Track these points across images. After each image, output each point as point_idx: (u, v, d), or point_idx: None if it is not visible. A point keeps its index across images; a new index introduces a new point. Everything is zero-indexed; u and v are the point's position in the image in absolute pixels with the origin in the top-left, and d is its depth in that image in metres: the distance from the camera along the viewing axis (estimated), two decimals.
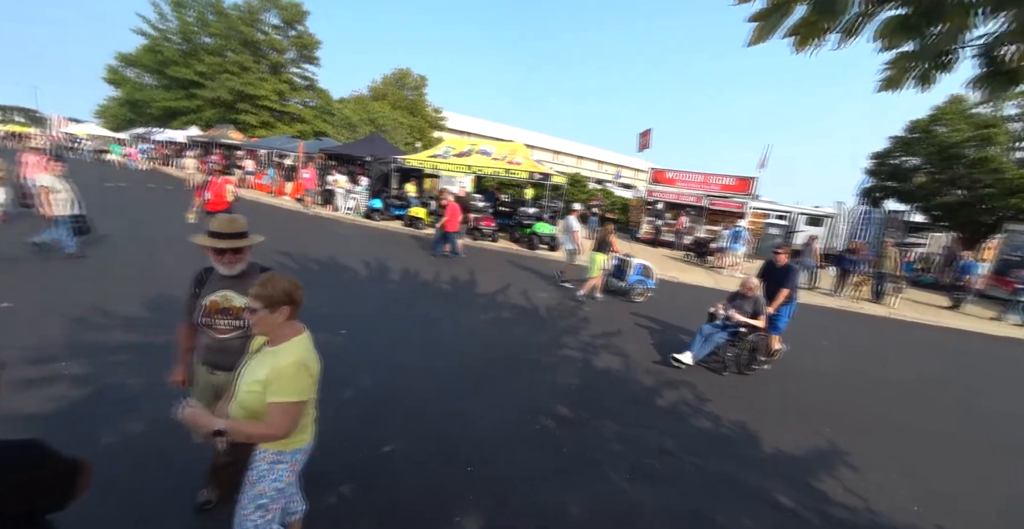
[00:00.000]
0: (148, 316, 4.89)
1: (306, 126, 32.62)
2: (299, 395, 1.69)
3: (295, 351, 1.72)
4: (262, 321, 1.71)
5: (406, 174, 15.13)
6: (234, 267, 2.20)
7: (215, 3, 33.05)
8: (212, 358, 2.24)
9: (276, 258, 7.68)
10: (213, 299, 2.21)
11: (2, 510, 1.06)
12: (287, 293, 1.73)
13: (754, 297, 5.39)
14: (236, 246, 2.18)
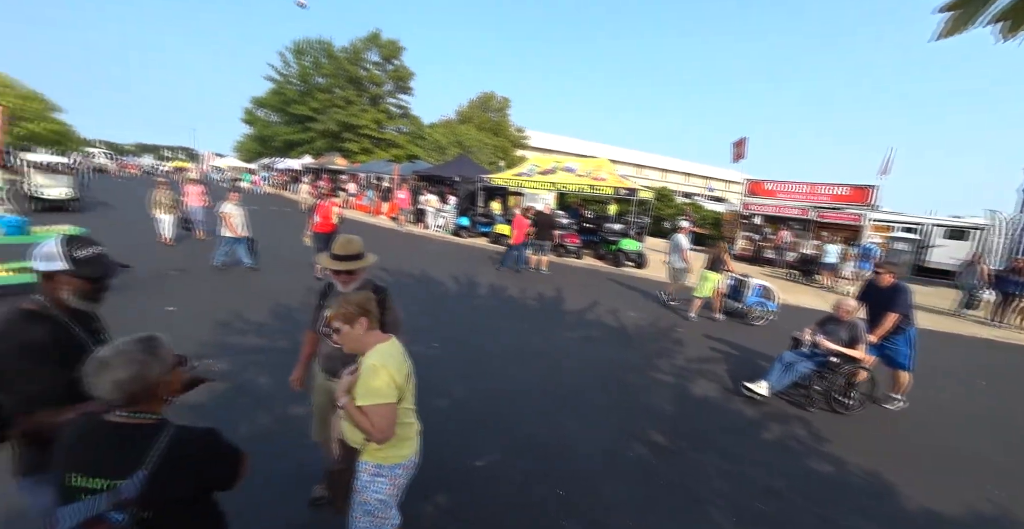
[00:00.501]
0: (274, 324, 5.54)
1: (400, 150, 35.38)
2: (381, 397, 1.73)
3: (376, 355, 1.81)
4: (346, 337, 1.85)
5: (491, 192, 15.70)
6: (348, 286, 2.40)
7: (327, 48, 37.61)
8: (329, 365, 2.45)
9: (374, 272, 8.31)
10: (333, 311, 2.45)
11: (192, 485, 1.24)
12: (360, 305, 1.84)
13: (851, 322, 4.65)
14: (349, 268, 2.38)
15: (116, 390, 1.18)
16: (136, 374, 1.19)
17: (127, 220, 12.49)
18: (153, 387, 1.24)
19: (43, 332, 1.51)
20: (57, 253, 1.54)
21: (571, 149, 47.60)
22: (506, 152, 36.83)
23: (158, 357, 1.25)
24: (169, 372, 1.28)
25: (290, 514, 2.62)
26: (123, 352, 1.21)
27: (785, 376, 4.66)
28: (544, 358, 5.32)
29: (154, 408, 1.27)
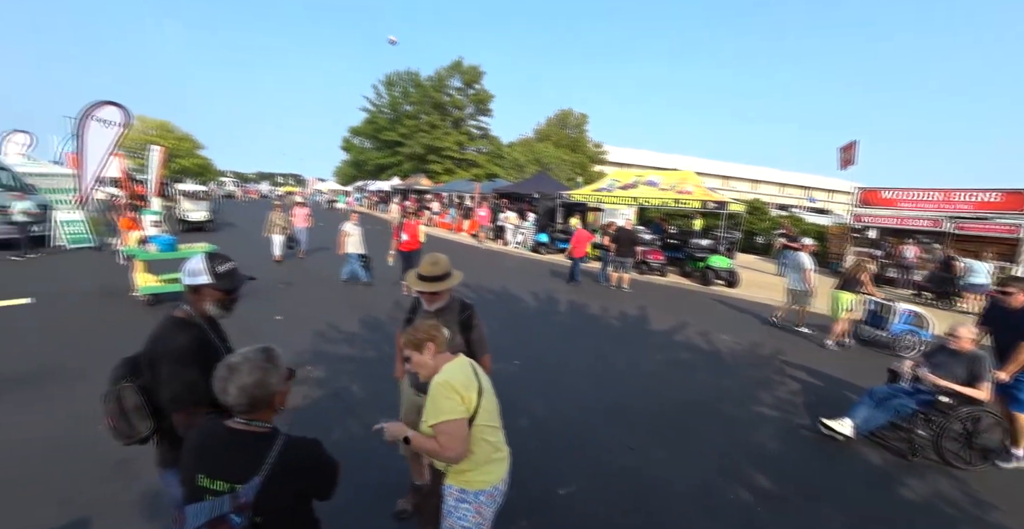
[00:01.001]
0: (364, 334, 5.90)
1: (480, 170, 36.78)
2: (447, 414, 1.69)
3: (442, 374, 1.79)
4: (418, 364, 1.87)
5: (570, 209, 15.61)
6: (434, 304, 2.45)
7: (414, 78, 40.67)
8: (416, 381, 2.49)
9: (456, 288, 8.56)
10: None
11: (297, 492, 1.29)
12: (426, 331, 1.88)
13: (971, 354, 3.73)
14: (432, 290, 2.41)
15: (241, 395, 1.28)
16: (259, 381, 1.29)
17: (247, 238, 14.29)
18: (271, 395, 1.33)
19: (190, 338, 1.73)
20: (202, 268, 1.78)
21: (651, 162, 46.16)
22: (584, 168, 36.70)
23: (276, 367, 1.35)
24: (283, 382, 1.37)
25: (374, 525, 2.68)
26: (249, 359, 1.31)
27: (876, 415, 3.89)
28: (629, 380, 5.05)
29: (267, 417, 1.36)
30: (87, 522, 2.54)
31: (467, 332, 2.50)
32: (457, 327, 2.46)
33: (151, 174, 19.61)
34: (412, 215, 9.49)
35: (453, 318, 2.49)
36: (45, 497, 2.70)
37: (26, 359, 4.62)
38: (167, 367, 1.65)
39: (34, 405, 3.77)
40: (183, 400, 1.64)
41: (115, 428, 1.70)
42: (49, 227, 11.55)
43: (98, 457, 3.06)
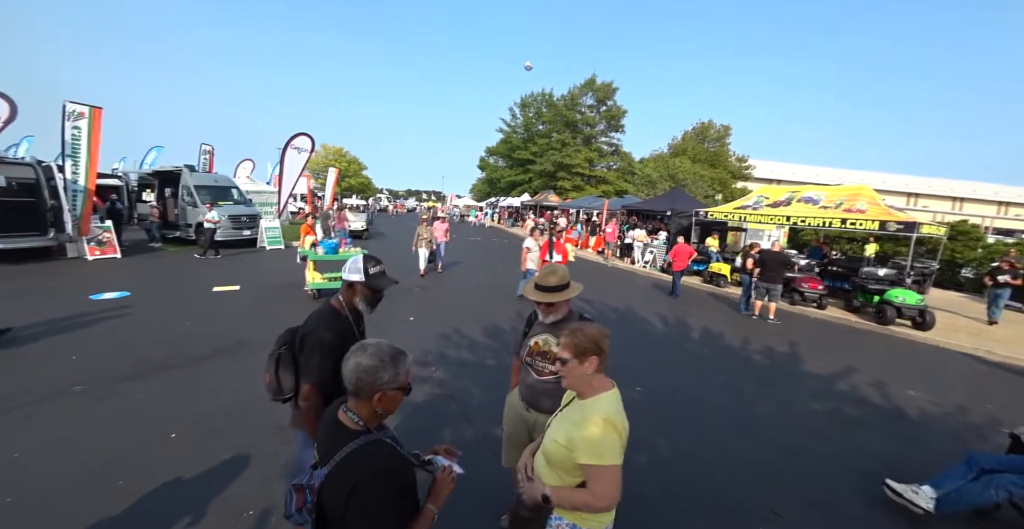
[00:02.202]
0: (485, 342, 6.07)
1: (609, 186, 36.22)
2: (610, 458, 1.52)
3: (603, 407, 1.59)
4: (571, 372, 1.65)
5: (707, 228, 14.31)
6: (548, 316, 2.32)
7: (547, 98, 42.07)
8: (530, 397, 2.38)
9: (577, 304, 8.38)
10: (536, 341, 2.38)
11: (340, 504, 1.22)
12: (595, 341, 1.62)
13: None
14: (549, 300, 2.28)
15: (353, 372, 1.29)
16: (372, 367, 1.28)
17: (395, 247, 16.15)
18: (375, 388, 1.29)
19: (340, 328, 2.01)
20: (359, 268, 2.06)
21: (807, 177, 40.24)
22: (724, 184, 33.60)
23: (395, 367, 1.33)
24: (393, 388, 1.32)
25: None
26: (378, 346, 1.34)
27: (977, 491, 2.92)
28: (773, 429, 4.27)
29: (366, 414, 1.32)
30: (248, 470, 2.99)
31: None
32: None
33: (327, 191, 23.56)
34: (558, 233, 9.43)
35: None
36: (226, 446, 3.27)
37: (231, 333, 5.79)
38: (310, 345, 1.94)
39: (232, 371, 4.67)
40: (311, 375, 1.92)
41: (269, 384, 2.02)
42: (258, 232, 14.57)
43: (270, 420, 3.62)
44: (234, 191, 15.29)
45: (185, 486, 2.89)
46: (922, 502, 3.05)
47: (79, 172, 11.60)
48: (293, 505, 1.24)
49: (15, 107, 10.34)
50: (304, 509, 1.22)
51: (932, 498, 3.03)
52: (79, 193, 11.50)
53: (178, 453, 3.24)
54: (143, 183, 17.61)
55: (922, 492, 3.07)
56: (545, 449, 1.71)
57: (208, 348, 5.27)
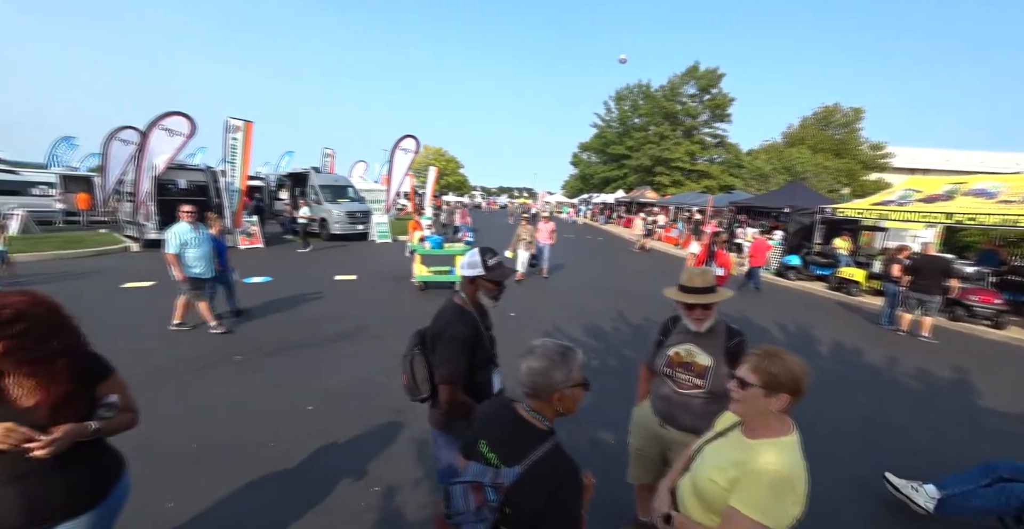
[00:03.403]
0: (586, 341, 5.92)
1: (713, 181, 33.64)
2: (774, 521, 1.27)
3: (782, 459, 1.33)
4: (750, 400, 1.40)
5: (834, 226, 12.55)
6: (702, 324, 2.11)
7: (644, 89, 40.14)
8: (666, 411, 2.20)
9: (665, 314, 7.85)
10: (676, 351, 2.19)
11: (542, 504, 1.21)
12: (795, 379, 1.36)
13: None
14: (704, 302, 2.09)
15: (526, 375, 1.32)
16: (543, 368, 1.30)
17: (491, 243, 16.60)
18: (551, 389, 1.30)
19: (466, 325, 1.99)
20: (477, 261, 2.03)
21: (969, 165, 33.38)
22: (853, 176, 29.35)
23: (566, 365, 1.33)
24: (570, 386, 1.33)
25: None
26: (545, 347, 1.35)
27: (982, 498, 2.66)
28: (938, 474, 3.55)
29: (547, 413, 1.35)
30: (372, 447, 3.22)
31: (735, 363, 2.09)
32: (723, 357, 2.09)
33: (427, 189, 25.00)
34: (722, 243, 8.23)
35: (718, 345, 2.12)
36: (353, 422, 3.57)
37: (352, 319, 6.36)
38: (442, 346, 1.94)
39: (355, 354, 5.12)
40: (448, 376, 1.92)
41: (406, 385, 2.08)
42: (370, 227, 15.95)
43: (389, 403, 3.89)
44: (350, 190, 16.91)
45: (320, 455, 3.20)
46: (920, 500, 2.83)
47: (235, 175, 13.68)
48: (468, 503, 1.21)
49: (195, 125, 12.46)
50: (485, 507, 1.20)
51: (933, 498, 2.81)
52: (235, 193, 13.56)
53: (314, 424, 3.60)
54: (279, 183, 20.26)
55: (923, 490, 2.87)
56: (699, 486, 1.50)
57: (333, 331, 5.84)
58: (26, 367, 1.32)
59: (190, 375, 4.39)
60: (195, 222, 5.57)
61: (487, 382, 2.08)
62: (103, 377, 1.52)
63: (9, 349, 1.26)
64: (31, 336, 1.30)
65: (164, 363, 4.57)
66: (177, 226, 5.49)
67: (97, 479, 1.54)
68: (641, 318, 7.08)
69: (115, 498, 1.58)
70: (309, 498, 2.75)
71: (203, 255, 5.56)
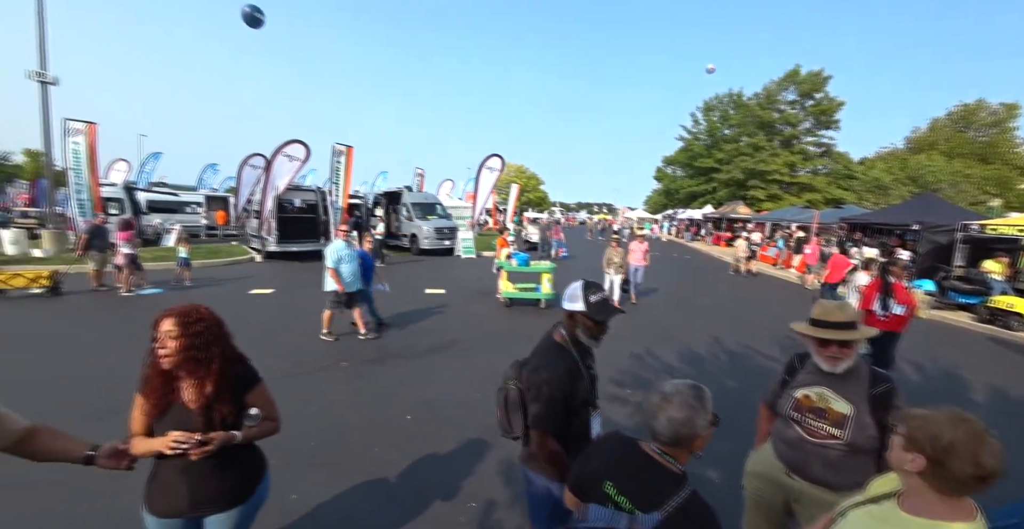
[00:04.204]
0: (681, 368, 5.57)
1: (817, 194, 30.56)
2: None
3: None
4: (894, 453, 1.16)
5: (983, 246, 10.64)
6: (838, 364, 1.82)
7: (735, 99, 37.79)
8: (793, 460, 1.94)
9: (780, 341, 7.09)
10: (806, 393, 1.92)
11: None
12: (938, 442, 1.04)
13: None
14: (843, 338, 1.82)
15: (668, 426, 1.25)
16: (687, 418, 1.24)
17: (575, 262, 16.49)
18: (695, 436, 1.26)
19: (565, 364, 1.85)
20: (579, 295, 1.87)
21: None
22: (1006, 185, 24.85)
23: (704, 408, 1.27)
24: (708, 427, 1.28)
25: None
26: (680, 393, 1.28)
27: None
28: None
29: (683, 457, 1.30)
30: (467, 462, 3.27)
31: (881, 413, 1.79)
32: (867, 405, 1.81)
33: (509, 205, 25.61)
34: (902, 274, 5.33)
35: (860, 390, 1.83)
36: (449, 435, 3.67)
37: (444, 332, 6.64)
38: (537, 386, 1.81)
39: (449, 366, 5.33)
40: (542, 420, 1.78)
41: (500, 421, 1.96)
42: (455, 243, 16.68)
43: (484, 419, 3.96)
44: (438, 207, 17.90)
45: (420, 466, 3.32)
46: None
47: (339, 195, 15.15)
48: None
49: (309, 151, 14.11)
50: None
51: None
52: (338, 210, 15.00)
53: (413, 433, 3.77)
54: (375, 201, 22.06)
55: None
56: None
57: (428, 343, 6.13)
58: (191, 365, 1.53)
59: (304, 376, 4.84)
60: (349, 239, 6.23)
61: (585, 427, 1.93)
62: (251, 385, 1.72)
63: (186, 345, 1.50)
64: (202, 337, 1.53)
65: (281, 364, 5.10)
66: (334, 243, 6.14)
67: (247, 478, 1.74)
68: (742, 345, 6.54)
69: (259, 494, 1.78)
70: (411, 507, 2.85)
71: (354, 270, 6.13)
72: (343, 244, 6.09)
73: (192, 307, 1.57)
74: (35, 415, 1.41)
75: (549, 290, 8.25)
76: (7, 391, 4.32)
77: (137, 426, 1.59)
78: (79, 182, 13.22)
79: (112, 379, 4.51)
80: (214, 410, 1.58)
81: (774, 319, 8.41)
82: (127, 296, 8.52)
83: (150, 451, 1.51)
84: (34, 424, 1.40)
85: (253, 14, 10.93)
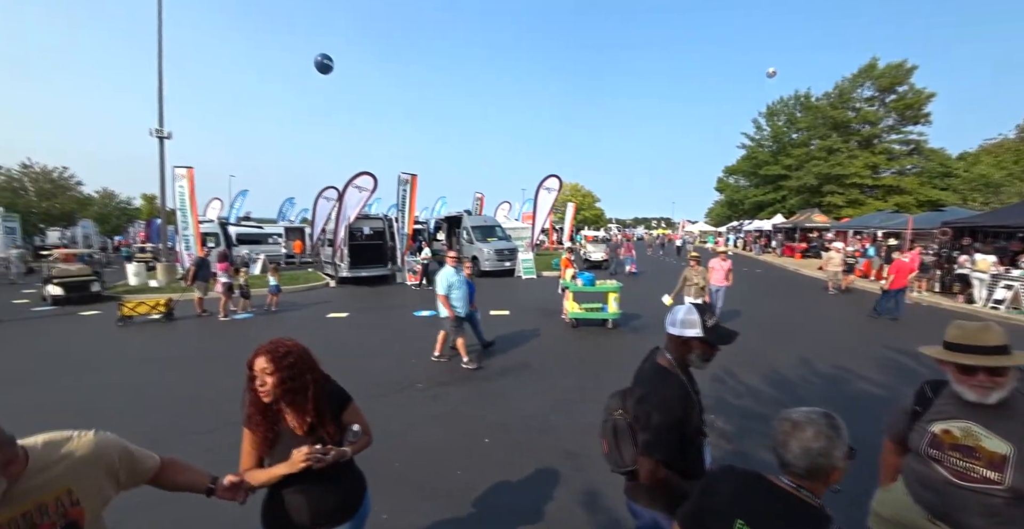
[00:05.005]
0: (767, 392, 5.15)
1: (907, 197, 27.68)
2: None
3: None
4: None
5: None
6: (988, 394, 1.57)
7: (803, 100, 35.53)
8: (937, 503, 1.68)
9: (864, 364, 6.38)
10: (946, 428, 1.67)
11: None
12: None
13: None
14: (995, 364, 1.57)
15: (803, 457, 1.17)
16: (825, 449, 1.16)
17: (650, 274, 16.04)
18: (832, 469, 1.17)
19: (675, 390, 1.75)
20: (695, 321, 1.79)
21: None
22: None
23: (841, 438, 1.18)
24: (844, 460, 1.18)
25: None
26: (815, 422, 1.19)
27: None
28: None
29: (819, 490, 1.20)
30: (545, 488, 3.20)
31: None
32: None
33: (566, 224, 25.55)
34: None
35: (1019, 426, 1.58)
36: (528, 460, 3.62)
37: (514, 354, 6.66)
38: (647, 414, 1.72)
39: (522, 387, 5.32)
40: (653, 449, 1.68)
41: (607, 454, 1.87)
42: (516, 263, 16.86)
43: (562, 444, 3.89)
44: (498, 229, 18.27)
45: (501, 491, 3.29)
46: None
47: (404, 221, 15.93)
48: None
49: (377, 181, 15.07)
50: None
51: None
52: (403, 236, 15.75)
53: (492, 457, 3.76)
54: (437, 226, 22.95)
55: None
56: None
57: (499, 365, 6.16)
58: (290, 396, 1.63)
59: (382, 398, 5.03)
60: (457, 266, 6.26)
61: (699, 456, 1.83)
62: (345, 405, 1.82)
63: (282, 379, 1.59)
64: (295, 368, 1.63)
65: (361, 385, 5.32)
66: (445, 270, 6.17)
67: (355, 493, 1.83)
68: (838, 368, 5.97)
69: (365, 508, 1.86)
70: None
71: (463, 296, 6.16)
72: (453, 271, 6.08)
73: (278, 342, 1.66)
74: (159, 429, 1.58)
75: (616, 310, 8.04)
76: (139, 407, 4.89)
77: (248, 461, 1.69)
78: (185, 220, 15.00)
79: (217, 396, 4.99)
80: (319, 432, 1.67)
81: (871, 339, 7.62)
82: (224, 321, 9.41)
83: (272, 478, 1.61)
84: (163, 459, 1.54)
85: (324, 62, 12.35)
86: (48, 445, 1.29)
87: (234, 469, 1.65)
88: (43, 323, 9.70)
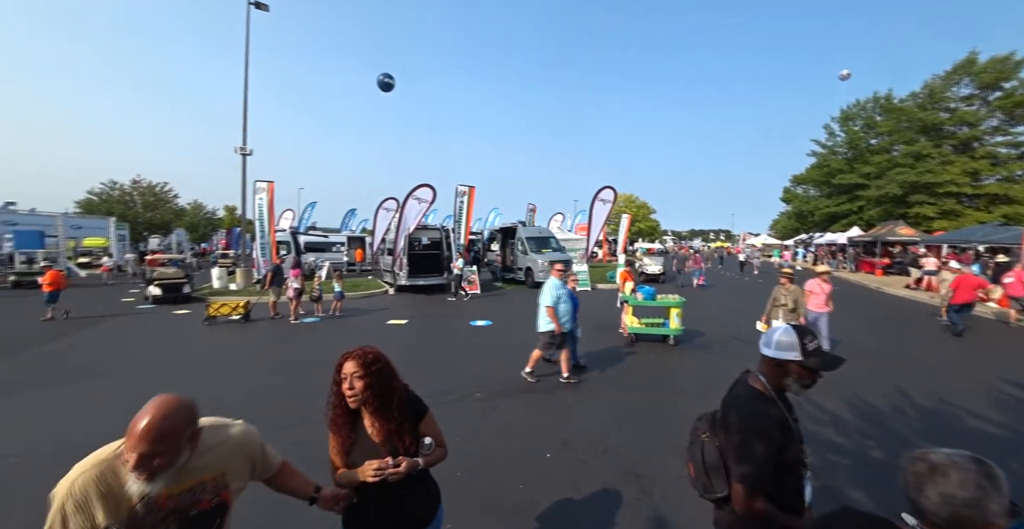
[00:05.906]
0: (853, 422, 4.67)
1: (1016, 207, 24.51)
2: None
3: None
4: None
5: None
6: None
7: (884, 102, 32.68)
8: None
9: (972, 397, 5.61)
10: None
11: None
12: None
13: None
14: None
15: (943, 505, 1.01)
16: (974, 500, 0.99)
17: (719, 288, 15.34)
18: (983, 524, 0.99)
19: (775, 416, 1.62)
20: (794, 344, 1.65)
21: None
22: None
23: (999, 491, 1.00)
24: (1004, 517, 0.99)
25: None
26: (962, 467, 1.03)
27: None
28: None
29: None
30: (610, 509, 3.06)
31: None
32: None
33: (620, 236, 25.03)
34: None
35: None
36: (591, 479, 3.50)
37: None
38: (742, 440, 1.61)
39: (581, 402, 5.21)
40: (748, 478, 1.56)
41: (694, 478, 1.78)
42: None
43: (628, 464, 3.74)
44: (552, 241, 18.21)
45: (565, 509, 3.20)
46: None
47: (460, 232, 16.31)
48: None
49: (435, 193, 15.60)
50: None
51: None
52: (459, 246, 16.10)
53: (554, 473, 3.68)
54: (491, 237, 23.29)
55: None
56: None
57: (555, 379, 6.05)
58: (375, 402, 1.64)
59: (444, 407, 5.08)
60: (564, 278, 5.83)
61: (799, 490, 1.67)
62: (422, 415, 1.83)
63: (371, 384, 1.62)
64: (383, 375, 1.66)
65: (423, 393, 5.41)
66: (551, 281, 5.76)
67: (430, 502, 1.84)
68: (938, 401, 5.32)
69: (439, 518, 1.86)
70: None
71: (569, 310, 5.78)
72: (559, 282, 5.69)
73: (366, 349, 1.69)
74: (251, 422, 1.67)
75: (678, 325, 7.69)
76: (228, 402, 5.29)
77: (338, 460, 1.73)
78: (262, 229, 16.28)
79: (295, 393, 5.30)
80: (396, 441, 1.68)
81: (981, 368, 6.75)
82: (295, 323, 10.04)
83: (353, 482, 1.66)
84: (284, 462, 1.64)
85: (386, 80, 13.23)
86: (211, 429, 1.41)
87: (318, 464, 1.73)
88: (141, 319, 10.89)
